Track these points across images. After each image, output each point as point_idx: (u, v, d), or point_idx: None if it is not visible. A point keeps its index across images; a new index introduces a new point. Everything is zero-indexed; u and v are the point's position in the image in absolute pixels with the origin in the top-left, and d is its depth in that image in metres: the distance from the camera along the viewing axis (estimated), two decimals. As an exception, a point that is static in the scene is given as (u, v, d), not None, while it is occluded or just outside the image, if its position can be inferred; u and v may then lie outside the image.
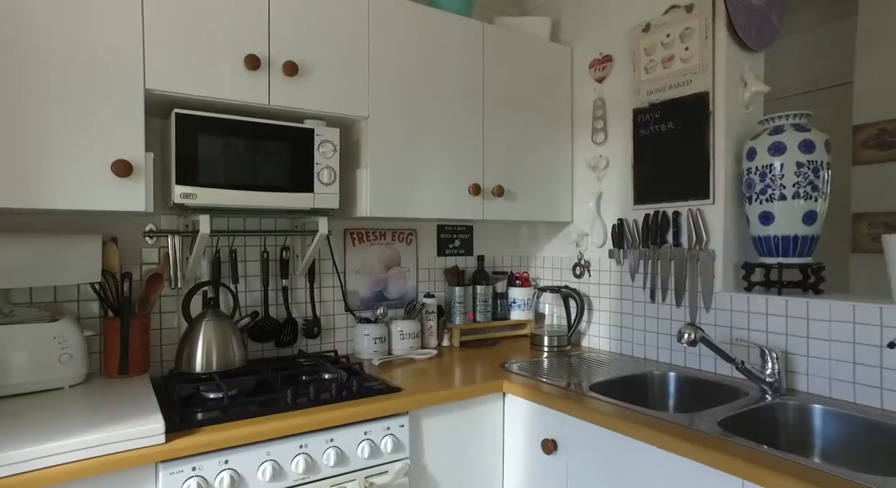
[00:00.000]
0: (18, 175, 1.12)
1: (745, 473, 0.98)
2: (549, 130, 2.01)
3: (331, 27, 1.52)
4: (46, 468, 0.95)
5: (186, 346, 1.48)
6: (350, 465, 1.28)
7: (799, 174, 1.46)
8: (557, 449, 1.40)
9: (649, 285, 1.79)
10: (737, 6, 1.57)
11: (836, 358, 1.34)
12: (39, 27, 1.14)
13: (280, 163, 1.45)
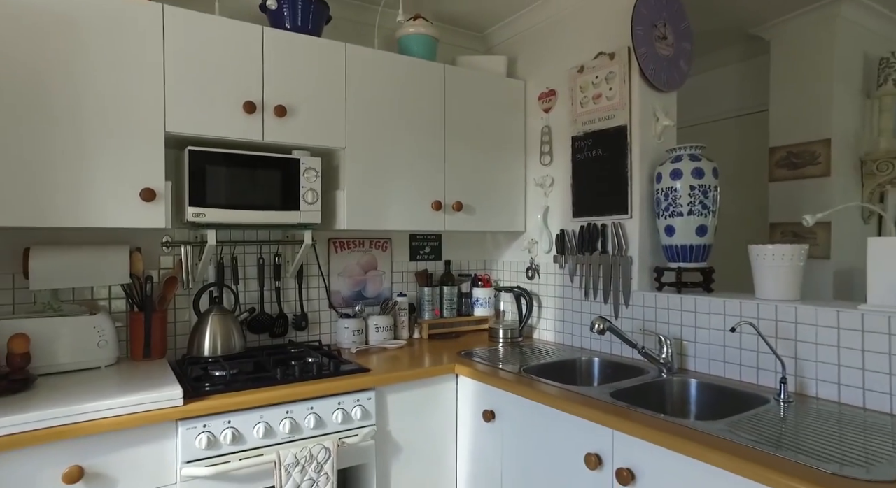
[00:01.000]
0: (73, 201, 1.47)
1: (613, 424, 1.31)
2: (504, 152, 2.35)
3: (313, 75, 1.86)
4: (100, 419, 1.29)
5: (196, 335, 1.83)
6: (326, 429, 1.62)
7: (692, 195, 1.79)
8: (495, 418, 1.74)
9: (584, 285, 2.13)
10: (646, 57, 1.91)
11: (712, 342, 1.68)
12: (89, 87, 1.49)
13: (272, 186, 1.80)
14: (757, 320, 1.57)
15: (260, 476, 1.51)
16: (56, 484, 1.25)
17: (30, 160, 1.42)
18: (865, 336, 1.35)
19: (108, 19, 1.52)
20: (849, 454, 1.05)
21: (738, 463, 1.04)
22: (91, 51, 1.50)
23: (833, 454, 1.05)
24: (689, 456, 1.14)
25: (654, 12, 1.93)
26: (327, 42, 1.89)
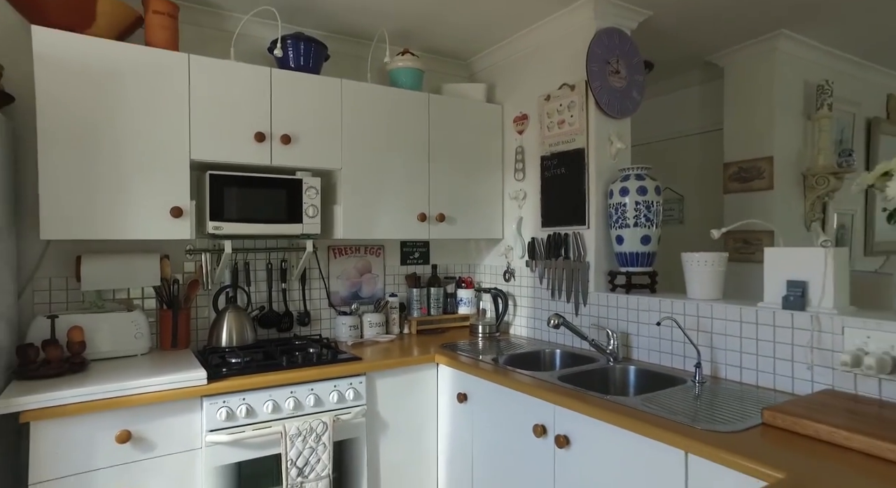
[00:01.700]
0: (116, 218, 1.80)
1: (555, 401, 1.62)
2: (483, 169, 2.66)
3: (313, 108, 2.19)
4: (145, 393, 1.62)
5: (215, 329, 2.16)
6: (324, 407, 1.94)
7: (637, 209, 2.10)
8: (467, 400, 2.05)
9: (550, 287, 2.43)
10: (600, 90, 2.22)
11: (651, 335, 1.98)
12: (130, 124, 1.82)
13: (279, 203, 2.12)
14: (684, 316, 1.87)
15: (269, 444, 1.83)
16: (111, 443, 1.58)
17: (84, 185, 1.75)
18: (759, 328, 1.65)
19: (145, 69, 1.85)
20: (722, 417, 1.36)
21: (638, 425, 1.35)
22: (132, 96, 1.83)
23: (710, 417, 1.36)
24: (607, 422, 1.45)
25: (607, 51, 2.24)
26: (325, 79, 2.21)
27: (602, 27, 2.22)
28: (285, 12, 2.30)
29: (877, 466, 1.06)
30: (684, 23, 2.43)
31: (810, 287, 1.57)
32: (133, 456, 1.63)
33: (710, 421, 1.33)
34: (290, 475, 1.82)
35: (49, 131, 1.70)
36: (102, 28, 1.78)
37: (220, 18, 2.29)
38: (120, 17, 1.81)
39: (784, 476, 1.02)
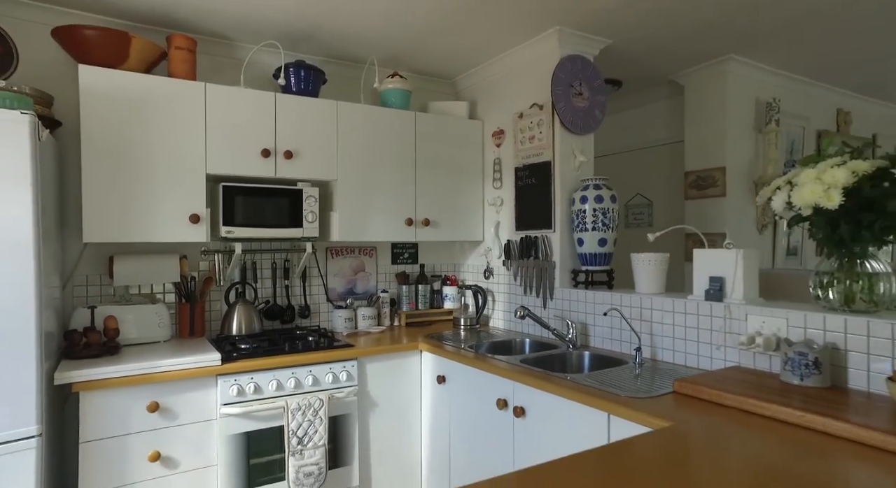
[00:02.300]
0: (144, 223, 2.12)
1: (514, 378, 1.93)
2: (466, 178, 2.97)
3: (313, 127, 2.50)
4: (168, 371, 1.93)
5: (227, 320, 2.47)
6: (321, 386, 2.26)
7: (595, 215, 2.41)
8: (445, 381, 2.36)
9: (523, 284, 2.74)
10: (564, 110, 2.53)
11: (604, 325, 2.29)
12: (155, 143, 2.14)
13: (282, 210, 2.44)
14: (630, 308, 2.18)
15: (273, 417, 2.15)
16: (143, 411, 1.90)
17: (118, 196, 2.07)
18: (687, 317, 1.95)
19: (169, 97, 2.17)
20: (645, 388, 1.66)
21: (576, 394, 1.65)
22: (158, 120, 2.15)
23: (635, 388, 1.66)
24: (553, 394, 1.75)
25: (570, 75, 2.55)
26: (323, 101, 2.52)
27: (566, 54, 2.53)
28: (288, 42, 2.62)
29: (746, 418, 1.36)
30: (644, 48, 2.74)
31: (726, 282, 1.87)
32: (161, 424, 1.94)
33: (633, 392, 1.63)
34: (291, 443, 2.14)
35: (91, 151, 2.02)
36: (134, 63, 2.10)
37: (232, 48, 2.61)
38: (148, 53, 2.14)
39: (669, 424, 1.33)
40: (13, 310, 1.61)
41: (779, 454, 1.12)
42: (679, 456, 1.12)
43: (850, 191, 1.47)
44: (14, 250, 1.61)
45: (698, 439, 1.22)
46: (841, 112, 3.61)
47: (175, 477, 1.97)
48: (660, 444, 1.19)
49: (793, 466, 1.06)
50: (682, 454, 1.13)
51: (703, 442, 1.20)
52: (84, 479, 1.83)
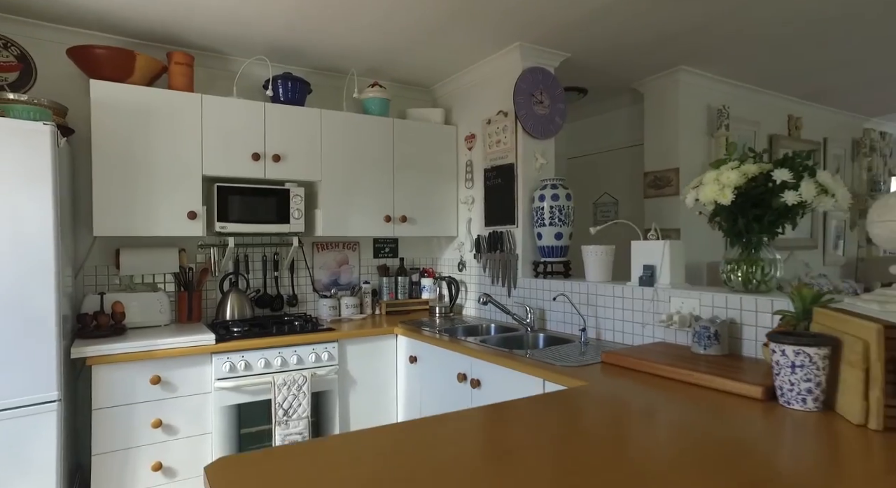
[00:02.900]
0: (147, 220, 2.39)
1: (471, 354, 2.20)
2: (441, 179, 3.25)
3: (299, 133, 2.77)
4: (168, 348, 2.21)
5: (221, 307, 2.75)
6: (304, 365, 2.53)
7: (552, 212, 2.68)
8: (417, 361, 2.63)
9: (491, 274, 3.01)
10: (525, 117, 2.80)
11: (558, 310, 2.57)
12: (158, 148, 2.41)
13: (271, 207, 2.71)
14: (579, 294, 2.45)
15: (262, 391, 2.42)
16: (146, 383, 2.17)
17: (125, 195, 2.35)
18: (624, 300, 2.23)
19: (169, 108, 2.44)
20: (580, 360, 1.94)
21: (520, 366, 1.93)
22: (160, 127, 2.42)
23: (571, 360, 1.93)
24: (502, 366, 2.03)
25: (531, 85, 2.82)
26: (308, 109, 2.80)
27: (528, 66, 2.81)
28: (277, 55, 2.89)
29: (650, 379, 1.63)
30: (603, 59, 3.01)
31: (657, 269, 2.15)
32: (162, 395, 2.22)
33: (567, 363, 1.91)
34: (277, 415, 2.41)
35: (101, 155, 2.30)
36: (138, 78, 2.37)
37: (226, 61, 2.89)
38: (151, 69, 2.41)
39: (584, 384, 1.60)
40: (37, 295, 1.88)
41: (663, 400, 1.40)
42: (577, 403, 1.39)
43: (741, 190, 1.75)
44: (37, 243, 1.88)
45: (599, 392, 1.49)
46: (792, 118, 3.89)
47: (174, 442, 2.25)
48: (567, 396, 1.46)
49: (671, 409, 1.34)
50: (580, 401, 1.41)
51: (602, 394, 1.47)
52: (97, 441, 2.10)
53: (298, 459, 1.03)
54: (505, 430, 1.19)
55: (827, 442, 1.10)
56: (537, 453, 1.05)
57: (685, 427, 1.20)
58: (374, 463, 1.00)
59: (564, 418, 1.27)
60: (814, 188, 1.66)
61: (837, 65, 3.18)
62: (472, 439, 1.13)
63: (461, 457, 1.03)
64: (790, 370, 1.33)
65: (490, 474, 0.95)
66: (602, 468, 0.98)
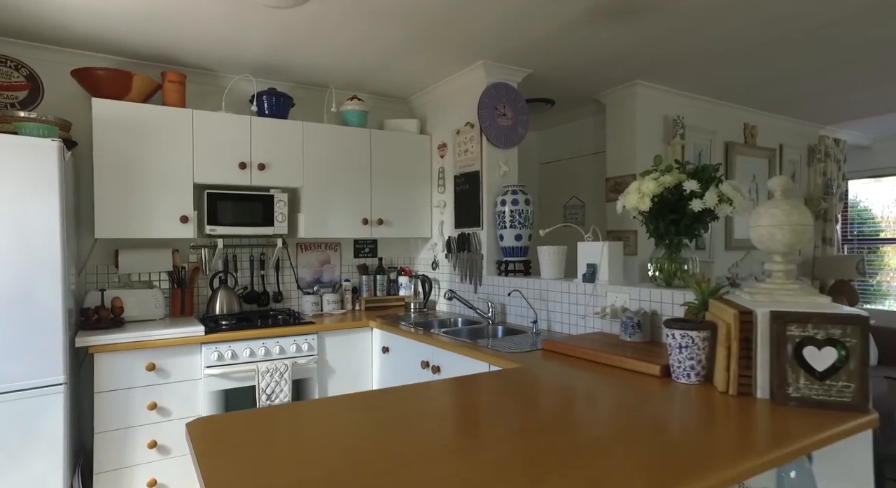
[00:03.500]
0: (143, 223, 2.65)
1: (433, 344, 2.47)
2: (416, 184, 3.51)
3: (282, 144, 3.04)
4: (162, 339, 2.47)
5: (211, 302, 3.01)
6: (286, 354, 2.79)
7: (512, 216, 2.95)
8: (389, 351, 2.90)
9: (460, 273, 3.28)
10: (489, 128, 3.07)
11: (517, 305, 2.83)
12: (153, 159, 2.67)
13: (257, 212, 2.97)
14: (533, 290, 2.72)
15: (247, 378, 2.68)
16: (143, 370, 2.43)
17: (123, 201, 2.61)
18: (570, 295, 2.50)
19: (163, 122, 2.70)
20: (525, 347, 2.20)
21: (471, 352, 2.19)
22: (155, 140, 2.68)
23: (517, 348, 2.20)
24: (457, 353, 2.29)
25: (495, 99, 3.09)
26: (291, 122, 3.06)
27: (492, 82, 3.07)
28: (263, 71, 3.15)
29: (576, 361, 1.90)
30: (564, 74, 3.28)
31: (598, 267, 2.42)
32: (157, 380, 2.48)
33: (513, 350, 2.17)
34: (261, 399, 2.68)
35: (102, 166, 2.56)
36: (135, 95, 2.64)
37: (216, 78, 3.15)
38: (146, 87, 2.67)
39: (519, 365, 1.87)
40: (45, 291, 2.14)
41: (579, 377, 1.66)
42: (505, 379, 1.66)
43: (660, 198, 2.02)
44: (45, 245, 2.14)
45: (527, 371, 1.76)
46: (748, 126, 4.15)
47: (168, 423, 2.51)
48: (499, 374, 1.73)
49: (582, 383, 1.60)
50: (508, 377, 1.67)
51: (528, 373, 1.74)
52: (98, 421, 2.36)
53: (269, 418, 1.29)
54: (442, 396, 1.45)
55: (698, 406, 1.37)
56: (458, 410, 1.32)
57: (590, 395, 1.47)
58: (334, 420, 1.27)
59: (491, 388, 1.53)
60: (716, 197, 1.92)
61: (789, 77, 3.44)
62: (417, 400, 1.40)
63: (410, 412, 1.29)
64: (678, 351, 1.60)
65: (415, 414, 1.22)
66: (502, 419, 1.24)
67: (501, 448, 1.09)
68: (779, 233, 1.58)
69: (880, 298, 5.60)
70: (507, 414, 1.30)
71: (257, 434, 1.18)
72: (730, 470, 0.99)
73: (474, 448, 1.09)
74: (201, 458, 1.05)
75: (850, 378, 1.33)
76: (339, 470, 0.98)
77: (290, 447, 1.10)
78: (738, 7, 2.39)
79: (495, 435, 1.16)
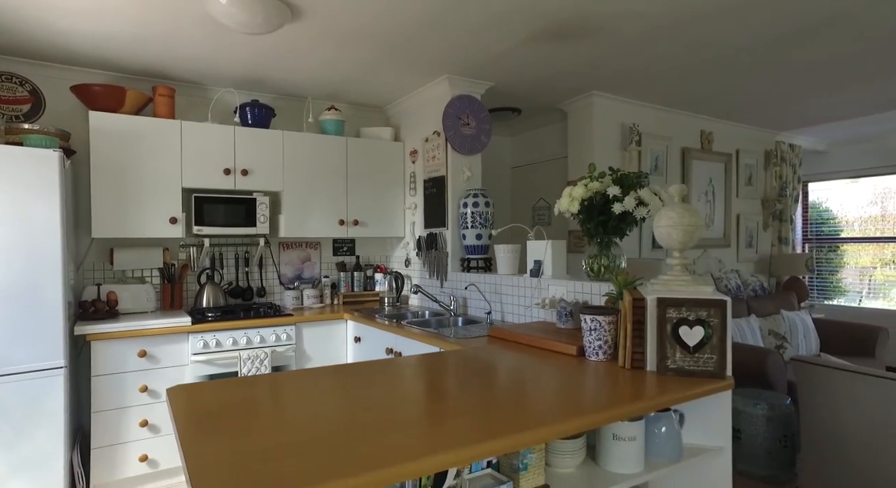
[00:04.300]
0: (136, 224, 2.93)
1: (395, 332, 2.75)
2: (390, 188, 3.79)
3: (264, 151, 3.31)
4: (153, 328, 2.75)
5: (199, 297, 3.29)
6: (266, 343, 3.07)
7: (473, 217, 3.23)
8: (360, 340, 3.18)
9: (429, 269, 3.56)
10: (453, 137, 3.35)
11: (476, 298, 3.11)
12: (145, 165, 2.95)
13: (240, 213, 3.25)
14: (490, 284, 3.00)
15: (230, 364, 2.96)
16: (135, 356, 2.71)
17: (118, 204, 2.88)
18: (520, 289, 2.78)
19: (154, 132, 2.98)
20: (475, 335, 2.48)
21: (426, 338, 2.47)
22: (147, 148, 2.96)
23: (467, 335, 2.48)
24: (414, 339, 2.57)
25: (458, 110, 3.37)
26: (272, 131, 3.34)
27: (456, 94, 3.35)
28: (246, 85, 3.43)
29: (512, 345, 2.17)
30: (524, 86, 3.56)
31: (543, 263, 2.70)
32: (148, 366, 2.76)
33: (462, 336, 2.45)
34: (243, 383, 2.95)
35: (98, 173, 2.83)
36: (129, 108, 2.91)
37: (203, 90, 3.43)
38: (139, 100, 2.95)
39: (459, 348, 2.15)
40: (47, 285, 2.42)
41: (509, 356, 1.95)
42: (447, 358, 1.94)
43: (589, 202, 2.30)
44: (47, 244, 2.41)
45: (465, 352, 2.04)
46: (704, 132, 4.44)
47: (157, 404, 2.79)
48: (442, 355, 2.01)
49: (511, 360, 1.88)
50: (449, 357, 1.95)
51: (466, 353, 2.02)
52: (95, 401, 2.64)
53: (248, 386, 1.57)
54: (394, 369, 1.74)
55: (597, 376, 1.65)
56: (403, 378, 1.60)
57: (512, 369, 1.75)
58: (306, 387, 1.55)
59: (434, 365, 1.82)
60: (634, 200, 2.20)
61: (736, 90, 3.72)
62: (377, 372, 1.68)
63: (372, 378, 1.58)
64: (589, 333, 1.88)
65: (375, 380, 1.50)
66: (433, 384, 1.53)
67: (423, 403, 1.37)
68: (674, 233, 1.86)
69: (840, 294, 5.90)
70: (439, 381, 1.59)
71: (234, 401, 1.46)
72: (602, 414, 1.28)
73: (400, 401, 1.37)
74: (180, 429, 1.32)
75: (713, 351, 1.62)
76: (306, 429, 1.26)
77: (264, 414, 1.38)
78: (665, 33, 2.68)
79: (420, 393, 1.44)
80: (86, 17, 2.41)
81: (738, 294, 4.44)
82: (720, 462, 1.66)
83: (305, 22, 2.49)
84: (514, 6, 2.37)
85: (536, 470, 1.37)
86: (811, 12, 2.49)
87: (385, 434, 1.15)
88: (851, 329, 4.13)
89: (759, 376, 3.18)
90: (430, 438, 1.13)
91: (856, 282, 5.76)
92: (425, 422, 1.22)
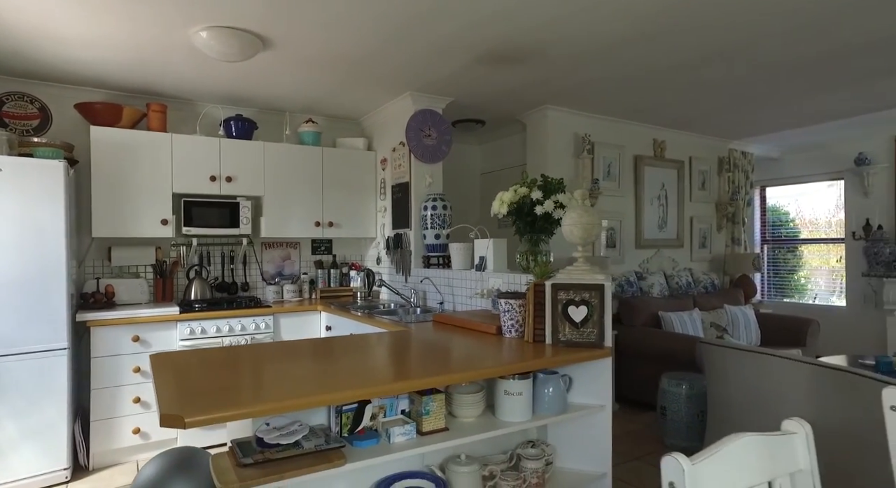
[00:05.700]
0: (132, 225, 3.32)
1: (360, 321, 3.12)
2: (362, 192, 4.17)
3: (246, 160, 3.70)
4: (145, 317, 3.13)
5: (188, 291, 3.67)
6: (247, 331, 3.45)
7: (433, 219, 3.61)
8: (331, 329, 3.56)
9: (396, 266, 3.94)
10: (416, 148, 3.73)
11: (434, 292, 3.49)
12: (140, 173, 3.34)
13: (225, 216, 3.64)
14: (445, 278, 3.37)
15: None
16: (129, 341, 3.09)
17: (115, 207, 3.27)
18: (467, 282, 3.15)
19: (148, 144, 3.37)
20: (413, 322, 2.86)
21: (383, 325, 2.85)
22: (141, 158, 3.35)
23: (420, 321, 2.85)
24: (375, 326, 2.95)
25: (421, 122, 3.76)
26: (254, 143, 3.73)
27: (418, 108, 3.74)
28: (230, 101, 3.82)
29: (449, 328, 2.54)
30: (483, 100, 3.95)
31: (486, 259, 3.07)
32: (140, 349, 3.14)
33: (412, 321, 2.83)
34: (226, 366, 3.33)
35: (98, 179, 3.23)
36: (125, 123, 3.31)
37: (192, 105, 3.82)
38: (134, 116, 3.34)
39: (404, 329, 2.52)
40: (53, 278, 2.80)
41: (441, 335, 2.32)
42: (392, 337, 2.31)
43: (516, 205, 2.68)
44: (53, 243, 2.80)
45: (407, 332, 2.41)
46: (657, 141, 4.82)
47: (149, 383, 3.17)
48: (389, 334, 2.38)
49: (443, 338, 2.26)
50: (394, 336, 2.33)
51: (407, 333, 2.39)
52: (94, 380, 3.02)
53: (214, 353, 1.95)
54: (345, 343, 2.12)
55: (505, 348, 2.03)
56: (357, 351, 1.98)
57: (438, 341, 2.13)
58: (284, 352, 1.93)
59: (378, 341, 2.19)
60: (552, 204, 2.58)
61: (685, 101, 4.07)
62: (328, 345, 2.06)
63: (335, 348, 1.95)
64: (504, 314, 2.26)
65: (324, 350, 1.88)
66: (371, 351, 1.91)
67: (364, 362, 1.74)
68: (576, 230, 2.24)
69: (799, 292, 6.26)
70: (373, 349, 1.96)
71: (203, 362, 1.83)
72: (498, 369, 1.66)
73: (337, 360, 1.75)
74: (156, 374, 1.70)
75: (594, 326, 1.99)
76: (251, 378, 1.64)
77: (224, 367, 1.76)
78: (595, 56, 3.06)
79: (357, 356, 1.82)
80: (90, 47, 2.81)
81: (689, 290, 4.80)
82: (602, 416, 2.03)
83: (277, 50, 2.88)
84: (455, 35, 2.76)
85: (437, 415, 1.75)
86: (708, 44, 2.87)
87: (319, 377, 1.53)
88: (789, 322, 4.49)
89: (689, 361, 3.54)
90: (352, 378, 1.51)
91: (830, 281, 6.10)
92: (347, 372, 1.60)
